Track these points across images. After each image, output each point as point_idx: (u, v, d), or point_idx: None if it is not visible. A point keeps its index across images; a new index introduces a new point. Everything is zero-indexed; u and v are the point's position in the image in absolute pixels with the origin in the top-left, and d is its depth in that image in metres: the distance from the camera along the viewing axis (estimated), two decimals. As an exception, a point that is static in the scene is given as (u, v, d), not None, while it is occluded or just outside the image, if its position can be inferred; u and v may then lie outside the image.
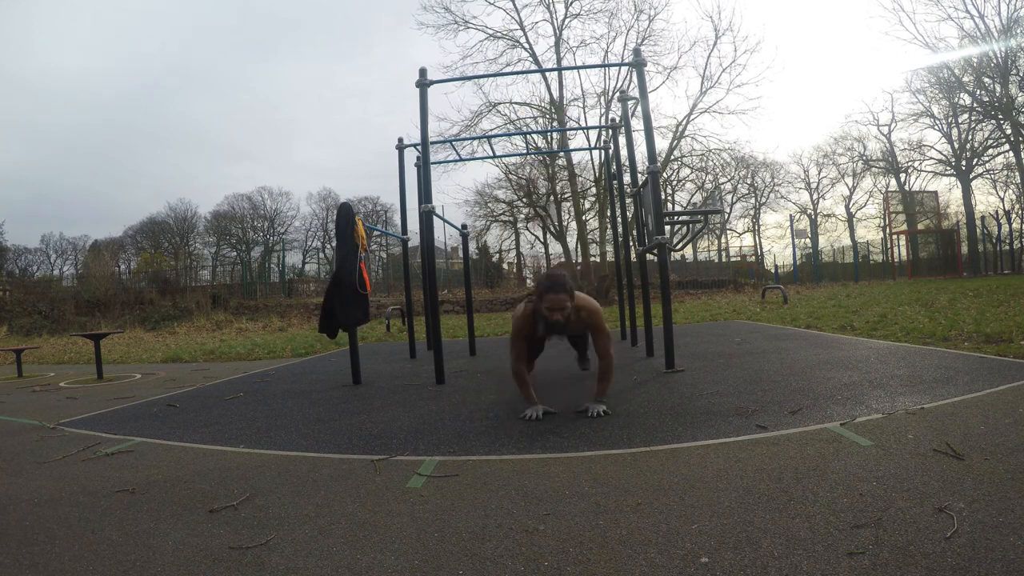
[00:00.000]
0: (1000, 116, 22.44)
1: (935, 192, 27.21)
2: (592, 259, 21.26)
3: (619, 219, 6.64)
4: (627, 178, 6.18)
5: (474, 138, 16.53)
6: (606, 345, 3.11)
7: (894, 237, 25.99)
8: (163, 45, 56.44)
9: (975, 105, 23.65)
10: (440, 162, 10.07)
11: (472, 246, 22.04)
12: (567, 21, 19.28)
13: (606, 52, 19.07)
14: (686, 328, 7.84)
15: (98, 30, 55.88)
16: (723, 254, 33.12)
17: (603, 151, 7.77)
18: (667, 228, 5.45)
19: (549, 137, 19.15)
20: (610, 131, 7.18)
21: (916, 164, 29.40)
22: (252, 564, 1.52)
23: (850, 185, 35.66)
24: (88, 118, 55.46)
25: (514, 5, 18.77)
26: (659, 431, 2.57)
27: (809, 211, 36.33)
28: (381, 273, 22.96)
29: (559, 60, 19.20)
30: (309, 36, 62.81)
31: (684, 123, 19.57)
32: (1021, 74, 21.48)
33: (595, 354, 3.25)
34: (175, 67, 55.77)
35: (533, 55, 19.00)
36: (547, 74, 18.88)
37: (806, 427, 2.45)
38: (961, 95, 24.24)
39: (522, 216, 26.85)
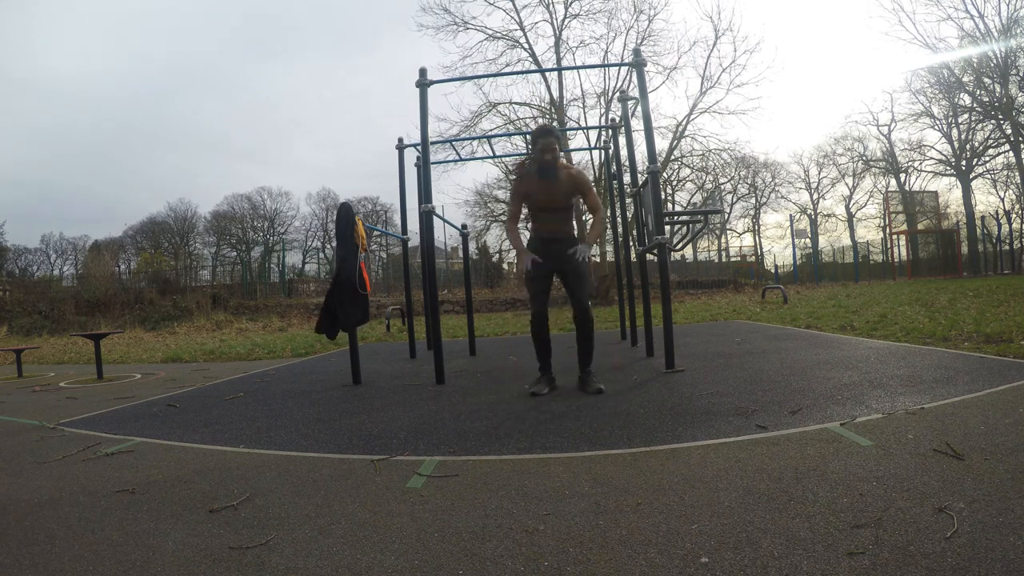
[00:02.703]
0: (1000, 116, 22.44)
1: (935, 192, 27.23)
2: (592, 259, 21.27)
3: (619, 219, 6.64)
4: (627, 178, 6.18)
5: (474, 138, 16.52)
6: (596, 200, 3.71)
7: (894, 237, 25.99)
8: (164, 46, 56.49)
9: (975, 105, 23.65)
10: (440, 162, 10.08)
11: (472, 246, 22.01)
12: (567, 21, 19.27)
13: (606, 52, 19.06)
14: (686, 328, 7.84)
15: (98, 31, 55.92)
16: (723, 254, 33.12)
17: (603, 151, 7.78)
18: (667, 228, 5.45)
19: (549, 137, 19.12)
20: (610, 131, 7.18)
21: (916, 164, 29.44)
22: (252, 564, 1.52)
23: (850, 185, 35.72)
24: (88, 118, 55.55)
25: (514, 5, 18.76)
26: (659, 431, 2.57)
27: (809, 211, 36.35)
28: (381, 273, 22.97)
29: (559, 60, 19.19)
30: (310, 37, 62.86)
31: (684, 123, 19.56)
32: (1021, 74, 21.47)
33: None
34: (176, 68, 55.85)
35: (533, 55, 18.98)
36: (547, 74, 18.86)
37: (806, 427, 2.45)
38: (961, 95, 24.25)
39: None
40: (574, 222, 3.83)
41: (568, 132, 19.25)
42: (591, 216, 3.68)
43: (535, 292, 3.65)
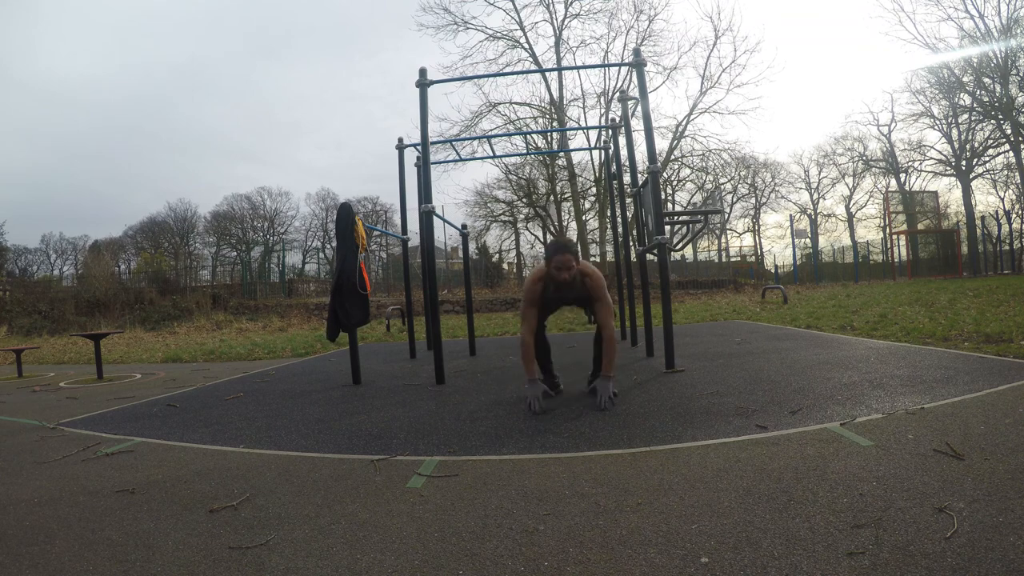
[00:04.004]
0: (1000, 116, 22.42)
1: (935, 192, 27.22)
2: (592, 259, 21.26)
3: (619, 219, 6.64)
4: (627, 178, 6.18)
5: (474, 138, 16.55)
6: (607, 316, 3.24)
7: (894, 237, 25.98)
8: (166, 48, 56.55)
9: (975, 105, 23.63)
10: (440, 162, 10.08)
11: (472, 246, 22.04)
12: (567, 21, 19.30)
13: (606, 52, 19.07)
14: (686, 328, 7.84)
15: (99, 32, 55.93)
16: (723, 254, 33.08)
17: (603, 151, 7.78)
18: (667, 228, 5.45)
19: (549, 137, 19.14)
20: (610, 131, 7.18)
21: (916, 164, 29.44)
22: (252, 564, 1.52)
23: (850, 185, 35.68)
24: (89, 119, 55.53)
25: (514, 5, 18.77)
26: (659, 431, 2.57)
27: (809, 211, 36.32)
28: (381, 273, 22.96)
29: (559, 60, 19.19)
30: (311, 39, 62.87)
31: (684, 123, 19.59)
32: (1021, 74, 21.47)
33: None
34: (178, 69, 55.78)
35: (533, 55, 19.00)
36: (547, 74, 18.88)
37: (806, 427, 2.45)
38: (961, 95, 24.23)
39: (522, 216, 26.85)
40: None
41: (568, 132, 19.27)
42: (599, 326, 3.25)
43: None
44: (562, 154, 19.22)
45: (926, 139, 29.06)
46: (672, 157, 20.71)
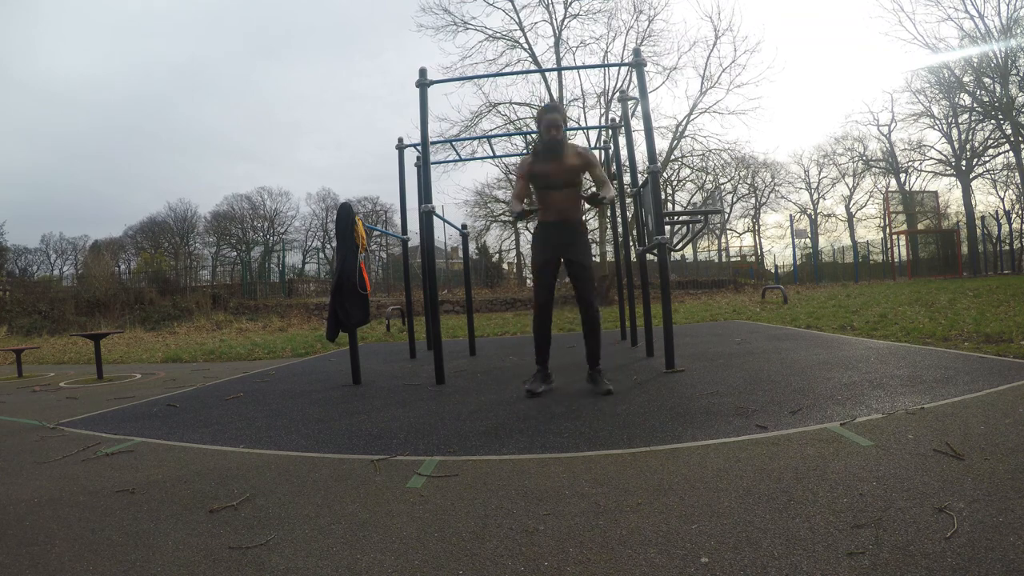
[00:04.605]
0: (1000, 116, 22.41)
1: (935, 192, 27.23)
2: (592, 259, 21.30)
3: (619, 219, 6.64)
4: (627, 178, 6.18)
5: (474, 138, 16.54)
6: (602, 174, 3.64)
7: (894, 237, 25.99)
8: (166, 48, 56.57)
9: (975, 105, 23.62)
10: (440, 162, 10.08)
11: (472, 246, 22.03)
12: (566, 21, 19.26)
13: (606, 52, 19.05)
14: (686, 328, 7.83)
15: (100, 32, 55.94)
16: (723, 254, 33.08)
17: (603, 151, 7.78)
18: (667, 228, 5.46)
19: (549, 137, 19.08)
20: (610, 131, 7.18)
21: (916, 164, 29.47)
22: (252, 564, 1.52)
23: (850, 185, 35.73)
24: (89, 119, 55.60)
25: (513, 6, 18.75)
26: (659, 431, 2.57)
27: (809, 211, 36.35)
28: (381, 273, 22.97)
29: (559, 60, 19.18)
30: (311, 39, 62.87)
31: (684, 123, 19.55)
32: (1021, 74, 21.46)
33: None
34: (178, 69, 55.82)
35: (532, 55, 18.97)
36: (547, 74, 18.84)
37: (806, 427, 2.45)
38: (961, 95, 24.22)
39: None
40: (582, 206, 3.73)
41: (568, 132, 19.26)
42: (598, 190, 3.52)
43: (539, 282, 3.61)
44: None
45: (926, 139, 29.15)
46: (672, 157, 20.69)
